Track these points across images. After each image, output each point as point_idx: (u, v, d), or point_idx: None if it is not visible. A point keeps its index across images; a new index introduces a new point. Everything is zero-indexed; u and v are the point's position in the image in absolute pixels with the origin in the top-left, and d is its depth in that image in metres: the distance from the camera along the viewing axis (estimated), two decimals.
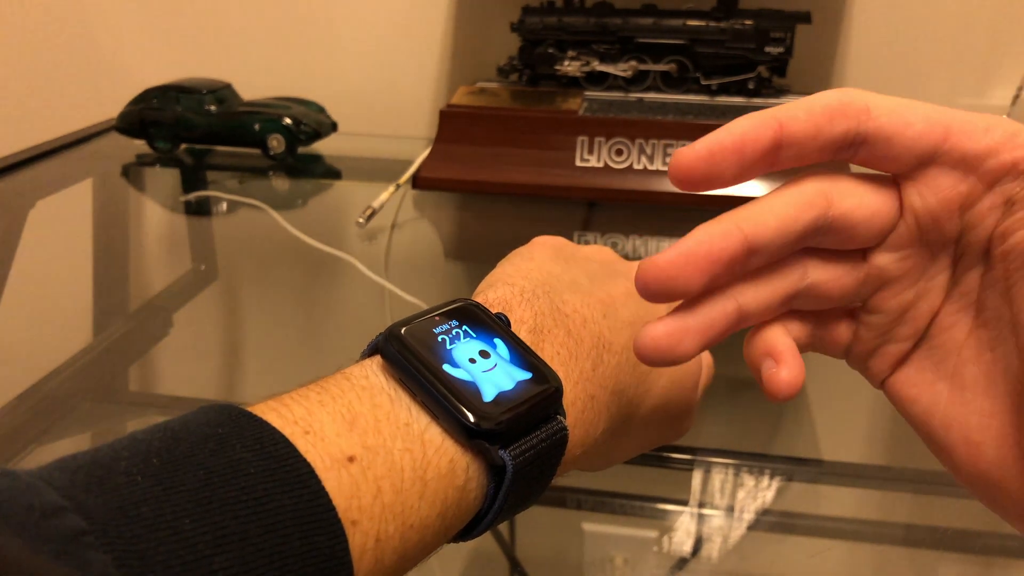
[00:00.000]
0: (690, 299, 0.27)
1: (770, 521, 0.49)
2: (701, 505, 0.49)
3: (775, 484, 0.50)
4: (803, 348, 0.31)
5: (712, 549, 0.47)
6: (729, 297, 0.28)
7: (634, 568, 0.48)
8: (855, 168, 0.29)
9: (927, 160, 0.27)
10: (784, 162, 0.27)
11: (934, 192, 0.27)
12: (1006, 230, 0.26)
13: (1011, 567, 0.49)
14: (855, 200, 0.28)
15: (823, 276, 0.29)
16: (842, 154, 0.28)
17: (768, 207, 0.27)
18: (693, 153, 0.26)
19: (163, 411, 0.63)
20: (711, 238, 0.26)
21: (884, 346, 0.30)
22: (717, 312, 0.27)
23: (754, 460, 0.51)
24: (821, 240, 0.28)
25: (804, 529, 0.51)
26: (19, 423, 0.55)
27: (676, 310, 0.27)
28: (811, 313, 0.30)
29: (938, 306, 0.28)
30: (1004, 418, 0.26)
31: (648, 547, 0.48)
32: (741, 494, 0.49)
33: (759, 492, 0.50)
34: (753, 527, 0.48)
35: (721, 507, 0.49)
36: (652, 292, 0.26)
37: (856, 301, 0.30)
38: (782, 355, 0.28)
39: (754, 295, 0.28)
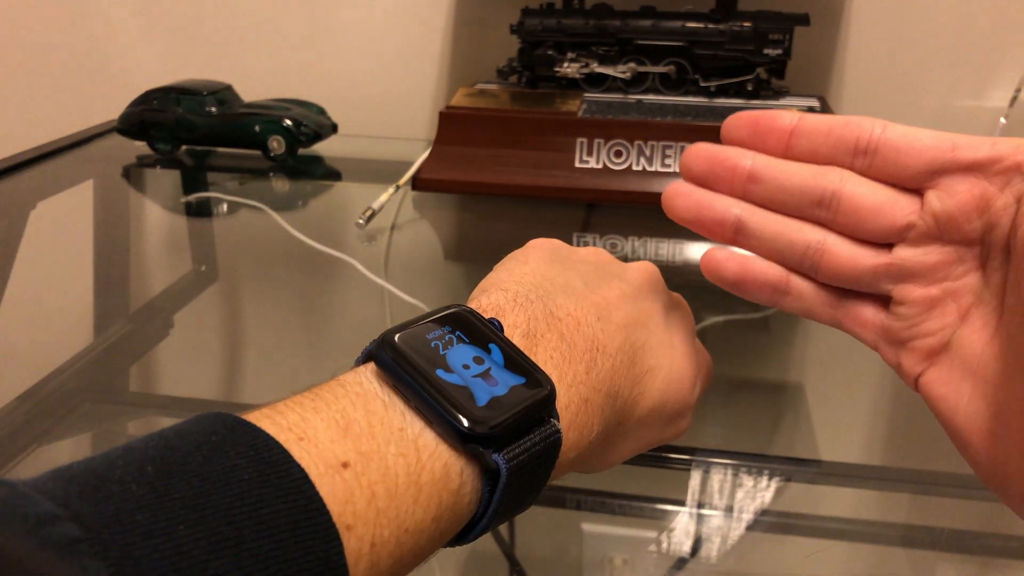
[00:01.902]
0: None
1: (769, 521, 0.49)
2: (700, 505, 0.49)
3: (774, 484, 0.50)
4: (825, 318, 0.34)
5: (711, 549, 0.47)
6: (735, 204, 0.33)
7: (633, 568, 0.48)
8: None
9: (937, 171, 0.30)
10: (796, 150, 0.32)
11: (951, 195, 0.30)
12: (1017, 226, 0.28)
13: (1009, 568, 0.49)
14: (866, 190, 0.31)
15: (840, 250, 0.32)
16: (856, 160, 0.31)
17: (786, 161, 0.33)
18: (728, 123, 0.33)
19: (163, 411, 0.63)
20: (722, 147, 0.33)
21: (914, 340, 0.31)
22: (719, 205, 0.33)
23: (753, 460, 0.51)
24: (834, 218, 0.32)
25: (803, 529, 0.51)
26: (20, 423, 0.55)
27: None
28: (838, 288, 0.34)
29: (968, 307, 0.30)
30: (1017, 411, 0.27)
31: (647, 547, 0.48)
32: (740, 494, 0.49)
33: (758, 492, 0.50)
34: (752, 527, 0.48)
35: (720, 507, 0.49)
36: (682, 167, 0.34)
37: (877, 288, 0.32)
38: (738, 255, 0.34)
39: (761, 220, 0.33)
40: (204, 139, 0.84)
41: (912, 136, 0.30)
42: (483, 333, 0.28)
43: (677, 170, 0.74)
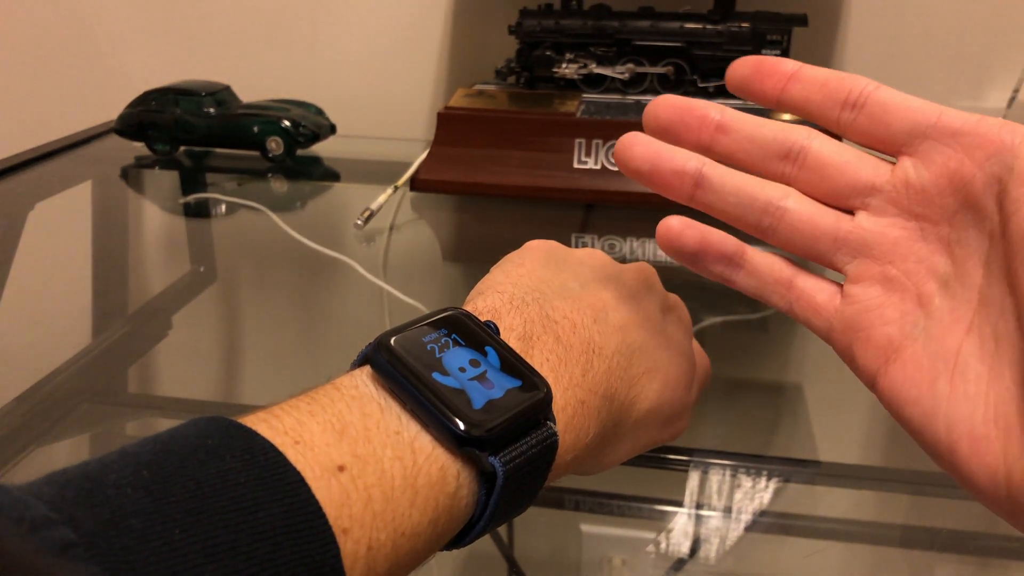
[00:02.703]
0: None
1: (767, 522, 0.49)
2: (698, 506, 0.49)
3: (772, 485, 0.50)
4: (778, 297, 0.32)
5: (709, 550, 0.47)
6: (695, 156, 0.32)
7: (632, 569, 0.48)
8: None
9: (920, 135, 0.29)
10: (789, 95, 0.31)
11: (927, 164, 0.28)
12: (1005, 214, 0.26)
13: (1007, 568, 0.49)
14: (834, 148, 0.31)
15: (802, 209, 0.31)
16: (844, 113, 0.30)
17: (755, 116, 0.32)
18: (738, 62, 0.32)
19: (162, 412, 0.63)
20: (695, 102, 0.32)
21: (870, 328, 0.29)
22: (679, 156, 0.32)
23: (751, 461, 0.51)
24: (796, 175, 0.31)
25: (801, 530, 0.51)
26: (18, 424, 0.55)
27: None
28: (792, 265, 0.32)
29: (931, 295, 0.28)
30: (1011, 407, 0.25)
31: (646, 548, 0.48)
32: (738, 495, 0.49)
33: (756, 493, 0.50)
34: (750, 528, 0.48)
35: (718, 508, 0.49)
36: (645, 119, 0.32)
37: (833, 260, 0.31)
38: (692, 223, 0.33)
39: (722, 172, 0.32)
40: (202, 140, 0.84)
41: (902, 98, 0.29)
42: (479, 336, 0.29)
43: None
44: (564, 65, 0.81)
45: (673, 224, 0.32)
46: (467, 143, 0.76)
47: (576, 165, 0.74)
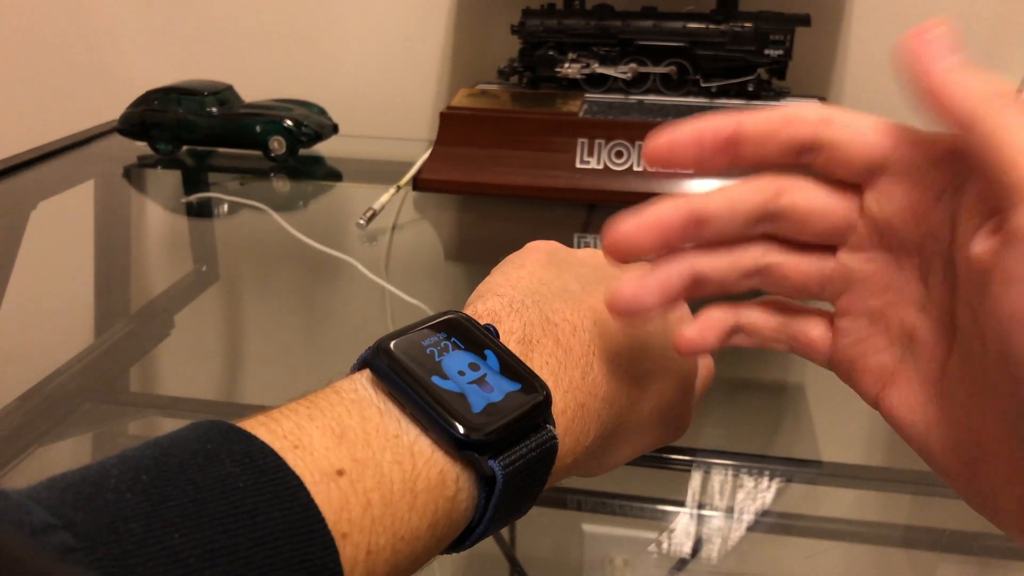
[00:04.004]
0: (652, 262, 0.31)
1: (769, 522, 0.49)
2: (700, 506, 0.49)
3: (774, 485, 0.50)
4: (778, 343, 0.33)
5: (711, 550, 0.48)
6: (684, 261, 0.31)
7: (634, 569, 0.49)
8: None
9: (877, 169, 0.28)
10: (746, 159, 0.30)
11: (888, 199, 0.28)
12: (957, 246, 0.26)
13: (1009, 568, 0.49)
14: (805, 195, 0.30)
15: (783, 260, 0.31)
16: (802, 157, 0.30)
17: (720, 189, 0.31)
18: (657, 141, 0.30)
19: (164, 412, 0.63)
20: (661, 209, 0.30)
21: (864, 358, 0.30)
22: (673, 271, 0.31)
23: (753, 461, 0.51)
24: (778, 227, 0.31)
25: (803, 530, 0.51)
26: (21, 423, 0.55)
27: (640, 271, 0.31)
28: (784, 308, 0.32)
29: (912, 320, 0.29)
30: (995, 434, 0.26)
31: (648, 548, 0.49)
32: (740, 495, 0.49)
33: (758, 493, 0.50)
34: (752, 528, 0.48)
35: (720, 508, 0.49)
36: (614, 252, 0.31)
37: (823, 297, 0.31)
38: (698, 320, 0.32)
39: (710, 262, 0.31)
40: (205, 139, 0.84)
41: (854, 131, 0.28)
42: (479, 339, 0.28)
43: (677, 171, 0.74)
44: (567, 65, 0.81)
45: (689, 335, 0.32)
46: (469, 143, 0.76)
47: (579, 165, 0.74)
